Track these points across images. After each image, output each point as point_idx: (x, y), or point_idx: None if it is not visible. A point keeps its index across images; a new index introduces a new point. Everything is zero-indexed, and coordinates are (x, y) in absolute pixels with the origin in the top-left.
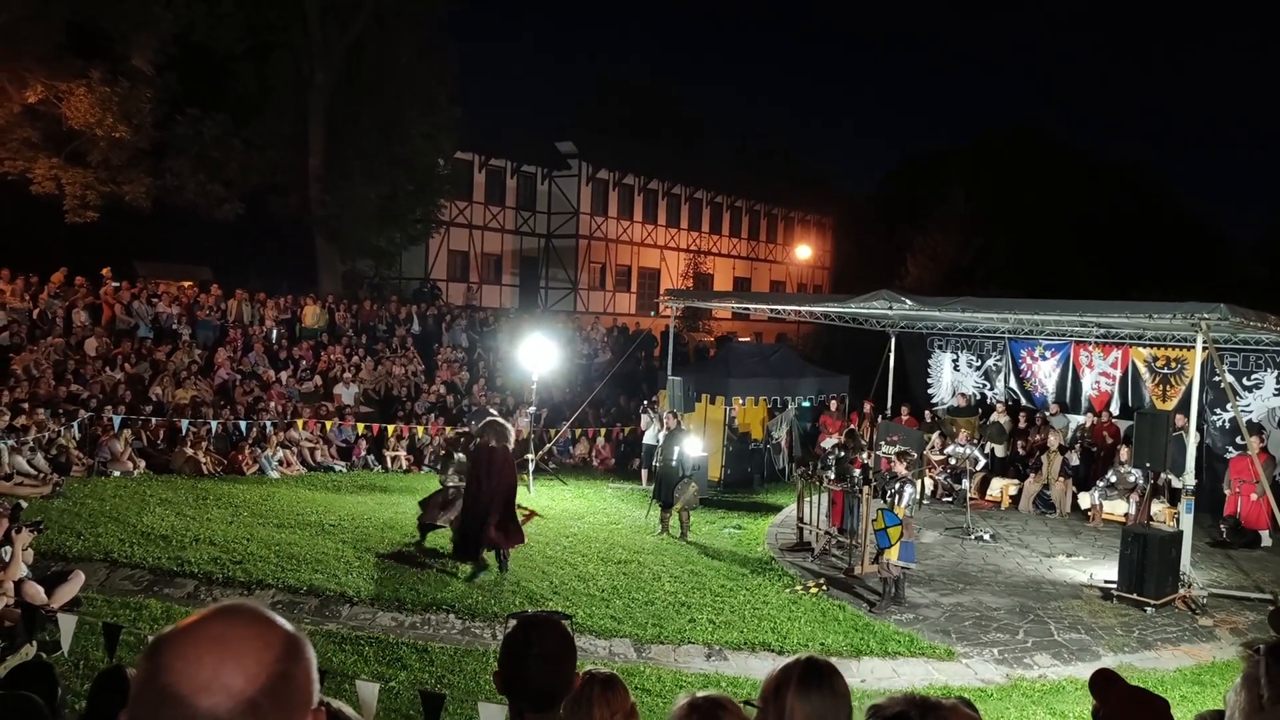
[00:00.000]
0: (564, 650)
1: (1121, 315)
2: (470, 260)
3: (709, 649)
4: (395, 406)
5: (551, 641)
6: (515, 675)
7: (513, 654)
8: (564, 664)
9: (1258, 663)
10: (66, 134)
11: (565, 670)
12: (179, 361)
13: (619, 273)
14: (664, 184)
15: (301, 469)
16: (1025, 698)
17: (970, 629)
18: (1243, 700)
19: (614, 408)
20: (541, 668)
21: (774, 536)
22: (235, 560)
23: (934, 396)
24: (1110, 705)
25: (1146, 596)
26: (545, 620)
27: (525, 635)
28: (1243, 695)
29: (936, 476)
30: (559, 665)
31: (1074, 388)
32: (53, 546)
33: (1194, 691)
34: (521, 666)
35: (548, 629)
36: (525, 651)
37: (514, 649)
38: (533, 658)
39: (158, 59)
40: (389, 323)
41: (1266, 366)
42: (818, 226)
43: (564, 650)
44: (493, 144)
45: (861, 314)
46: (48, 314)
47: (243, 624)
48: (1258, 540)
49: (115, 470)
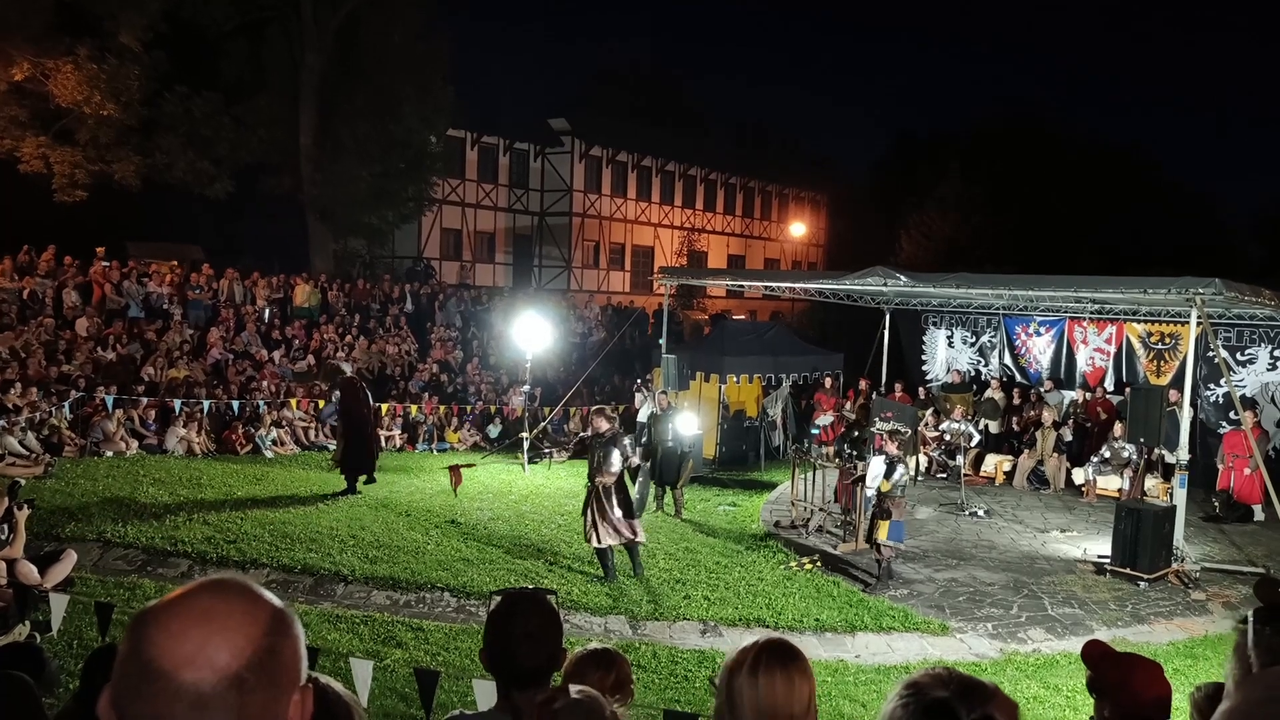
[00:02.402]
0: (549, 626)
1: (1116, 290)
2: (463, 239)
3: (704, 625)
4: (389, 385)
5: (536, 618)
6: (500, 652)
7: (497, 631)
8: (549, 640)
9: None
10: (54, 112)
11: (550, 646)
12: (171, 341)
13: (613, 251)
14: (658, 161)
15: (295, 448)
16: (1019, 672)
17: (964, 604)
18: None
19: (608, 386)
20: (526, 644)
21: (769, 513)
22: (229, 539)
23: (929, 373)
24: (1104, 672)
25: (1140, 571)
26: (530, 596)
27: (509, 611)
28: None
29: (931, 453)
30: (544, 642)
31: (1068, 363)
32: (45, 526)
33: (1186, 665)
34: (506, 643)
35: (532, 605)
36: (509, 628)
37: (498, 626)
38: (517, 635)
39: (146, 36)
40: (382, 302)
41: (1260, 341)
42: (812, 204)
43: (549, 626)
44: (485, 121)
45: (856, 291)
46: (38, 294)
47: (229, 598)
48: (1250, 515)
49: (108, 450)
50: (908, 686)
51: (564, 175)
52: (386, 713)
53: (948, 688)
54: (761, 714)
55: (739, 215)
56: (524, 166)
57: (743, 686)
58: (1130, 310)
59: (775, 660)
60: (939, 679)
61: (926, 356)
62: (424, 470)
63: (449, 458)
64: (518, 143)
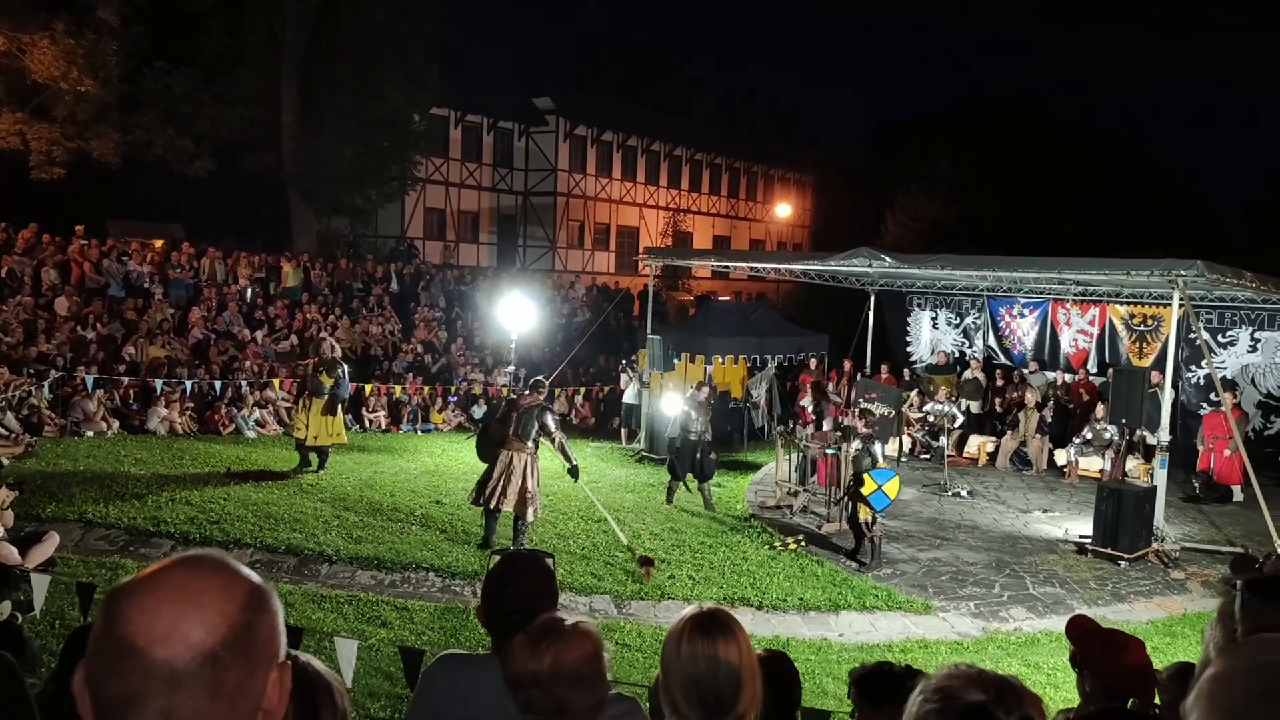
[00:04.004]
0: (545, 584)
1: (1100, 272)
2: (447, 218)
3: (688, 605)
4: (373, 366)
5: (533, 576)
6: (497, 608)
7: (495, 587)
8: (544, 597)
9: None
10: (31, 88)
11: (546, 604)
12: (152, 320)
13: (597, 231)
14: (643, 141)
15: (278, 429)
16: (1001, 650)
17: (947, 583)
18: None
19: (593, 367)
20: (522, 601)
21: (753, 494)
22: (212, 520)
23: (913, 354)
24: (1087, 647)
25: (1120, 551)
26: (528, 556)
27: (507, 569)
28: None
29: (915, 434)
30: (539, 599)
31: (1052, 345)
32: (26, 507)
33: (1165, 643)
34: (502, 599)
35: (530, 563)
36: (506, 585)
37: (496, 582)
38: (512, 592)
39: (125, 11)
40: (365, 281)
41: (1241, 324)
42: (797, 185)
43: (545, 584)
44: (469, 100)
45: (841, 272)
46: (16, 272)
47: (204, 574)
48: (1230, 495)
49: (88, 430)
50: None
51: (548, 155)
52: (371, 691)
53: (985, 690)
54: (688, 683)
55: (724, 196)
56: (508, 146)
57: (670, 657)
58: (1113, 292)
59: (699, 631)
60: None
61: (911, 338)
62: (408, 451)
63: (433, 438)
64: (502, 122)
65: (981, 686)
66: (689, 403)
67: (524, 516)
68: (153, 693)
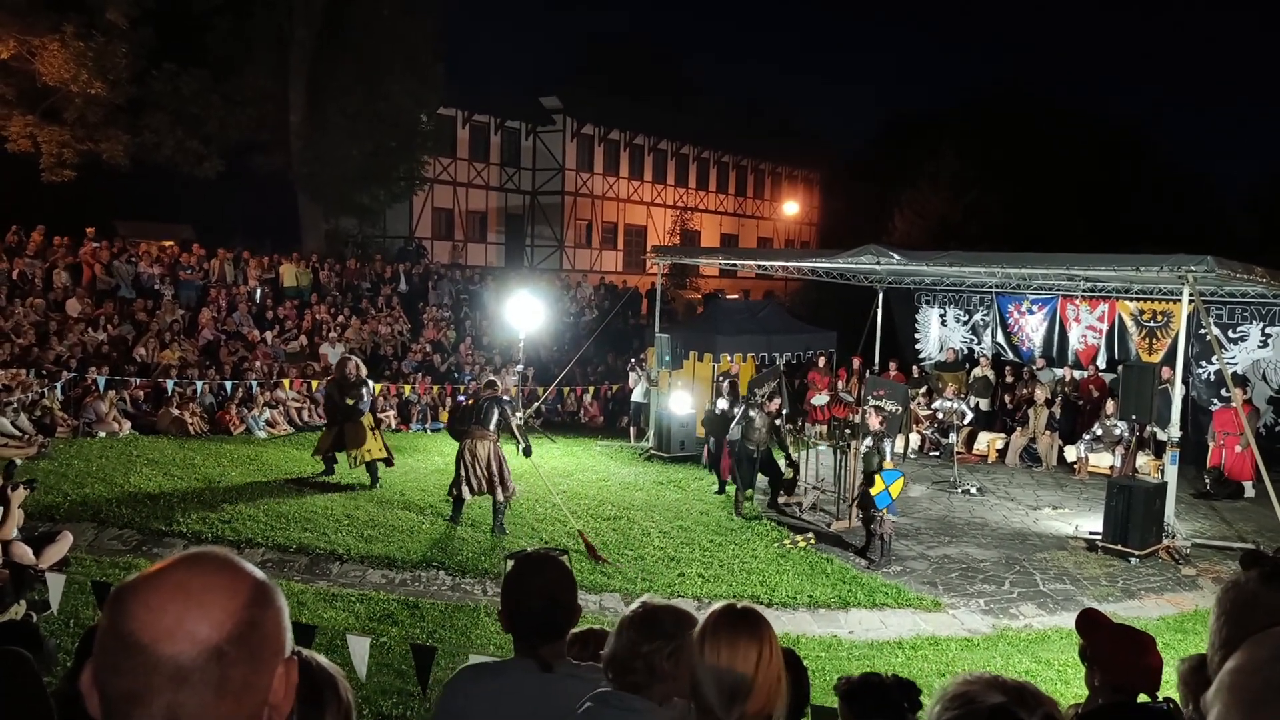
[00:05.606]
0: (565, 582)
1: (1109, 268)
2: (455, 218)
3: (698, 602)
4: (382, 366)
5: (552, 575)
6: (520, 611)
7: (514, 588)
8: (566, 594)
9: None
10: (41, 91)
11: (568, 599)
12: (162, 321)
13: (605, 230)
14: (650, 139)
15: (289, 429)
16: (1011, 647)
17: (957, 580)
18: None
19: (602, 366)
20: (545, 601)
21: (763, 492)
22: (224, 519)
23: (921, 351)
24: (1097, 642)
25: (1131, 547)
26: (543, 556)
27: (524, 572)
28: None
29: (924, 431)
30: (561, 597)
31: (1061, 341)
32: (40, 508)
33: (1177, 639)
34: (526, 602)
35: (546, 564)
36: (528, 585)
37: (514, 583)
38: (535, 591)
39: (133, 13)
40: (374, 281)
41: (1252, 319)
42: (805, 183)
43: (565, 582)
44: (476, 99)
45: (849, 269)
46: (27, 274)
47: (209, 571)
48: (1241, 491)
49: (100, 431)
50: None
51: (556, 154)
52: (383, 689)
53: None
54: (715, 679)
55: (732, 194)
56: (515, 145)
57: (696, 652)
58: (1122, 288)
59: (724, 627)
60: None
61: (920, 335)
62: (418, 450)
63: (442, 437)
64: (509, 121)
65: (1000, 689)
66: (756, 411)
67: (495, 496)
68: (158, 689)
